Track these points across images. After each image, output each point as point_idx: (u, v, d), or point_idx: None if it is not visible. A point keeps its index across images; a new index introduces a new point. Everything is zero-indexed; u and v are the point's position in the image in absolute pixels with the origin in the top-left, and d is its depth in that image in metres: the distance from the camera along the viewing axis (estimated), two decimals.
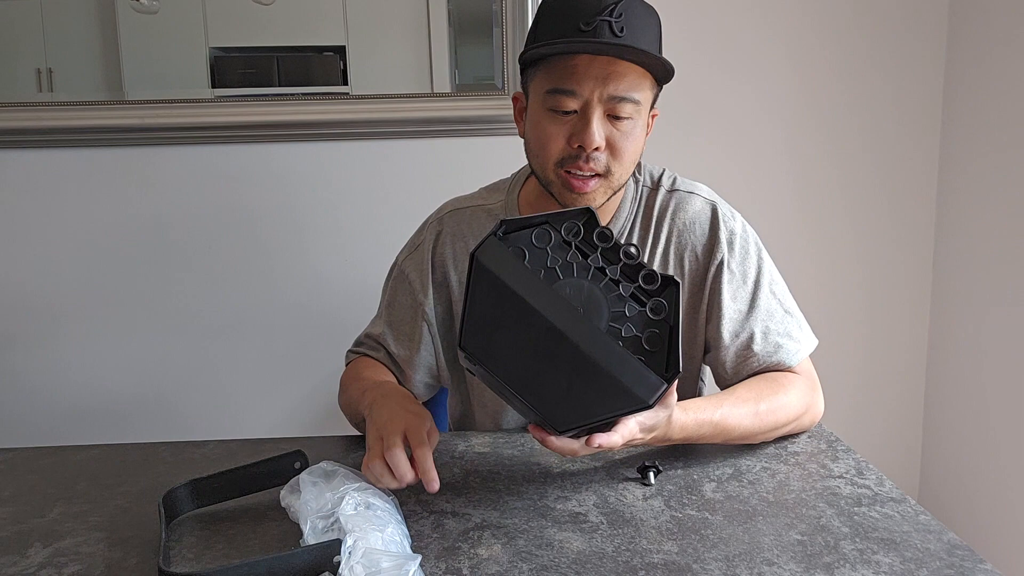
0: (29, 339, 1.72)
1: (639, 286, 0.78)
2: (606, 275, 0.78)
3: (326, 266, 1.72)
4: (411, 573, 0.66)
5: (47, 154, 1.66)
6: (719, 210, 1.06)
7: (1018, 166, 1.57)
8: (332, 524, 0.72)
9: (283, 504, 0.79)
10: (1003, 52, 1.60)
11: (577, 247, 0.79)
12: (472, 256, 0.75)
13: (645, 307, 0.78)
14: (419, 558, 0.68)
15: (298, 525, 0.76)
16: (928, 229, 1.81)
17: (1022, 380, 1.57)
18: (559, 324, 0.74)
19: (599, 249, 0.79)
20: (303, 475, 0.79)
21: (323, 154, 1.68)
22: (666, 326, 0.78)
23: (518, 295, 0.75)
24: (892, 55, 1.73)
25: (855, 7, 1.71)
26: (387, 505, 0.76)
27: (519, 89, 1.04)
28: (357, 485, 0.77)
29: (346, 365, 1.14)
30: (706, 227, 1.05)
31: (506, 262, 0.76)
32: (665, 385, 0.75)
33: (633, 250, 0.79)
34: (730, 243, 1.05)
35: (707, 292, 1.05)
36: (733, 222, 1.07)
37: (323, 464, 0.81)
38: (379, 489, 0.78)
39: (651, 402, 0.75)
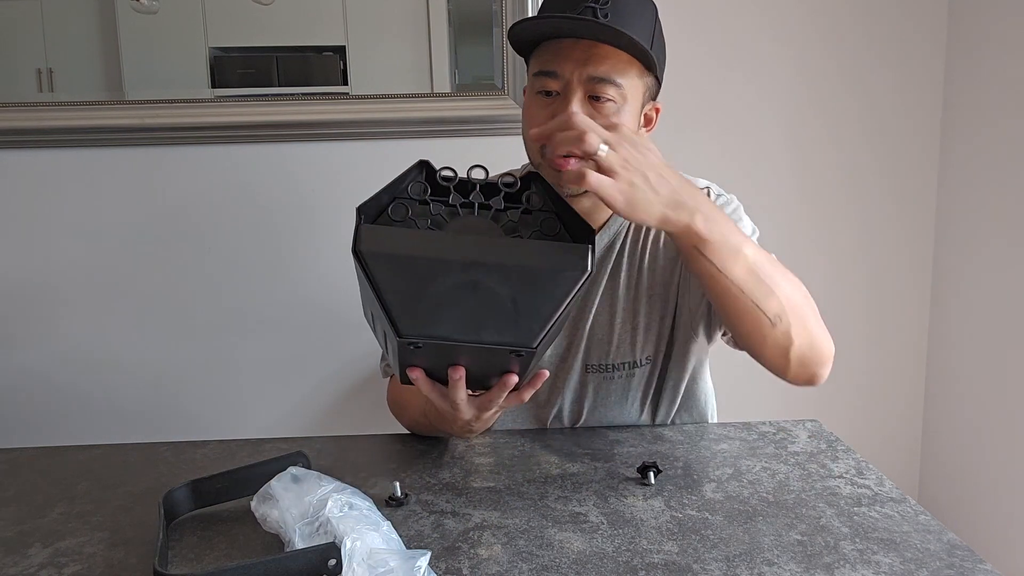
0: (30, 339, 1.72)
1: (506, 194, 0.79)
2: (475, 204, 0.78)
3: (326, 266, 1.72)
4: (422, 570, 0.66)
5: (47, 154, 1.66)
6: (711, 190, 1.06)
7: (1018, 166, 1.57)
8: (319, 528, 0.72)
9: (256, 514, 0.78)
10: (1003, 52, 1.60)
11: (432, 200, 0.78)
12: (354, 252, 0.73)
13: (523, 207, 0.79)
14: (428, 554, 0.67)
15: (276, 536, 0.75)
16: (928, 229, 1.81)
17: (1022, 380, 1.57)
18: (472, 256, 0.73)
19: (451, 188, 0.78)
20: (273, 483, 0.78)
21: (323, 154, 1.68)
22: (550, 213, 0.79)
23: (418, 256, 0.73)
24: (892, 54, 1.73)
25: (856, 6, 1.71)
26: (368, 504, 0.76)
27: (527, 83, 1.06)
28: (333, 486, 0.77)
29: (384, 376, 1.14)
30: None
31: (387, 237, 0.74)
32: (591, 246, 0.75)
33: (479, 170, 0.79)
34: (725, 204, 1.05)
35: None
36: (727, 196, 1.07)
37: (291, 470, 0.81)
38: (356, 489, 0.78)
39: (590, 267, 0.75)
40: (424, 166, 0.80)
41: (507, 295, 0.73)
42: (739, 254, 0.86)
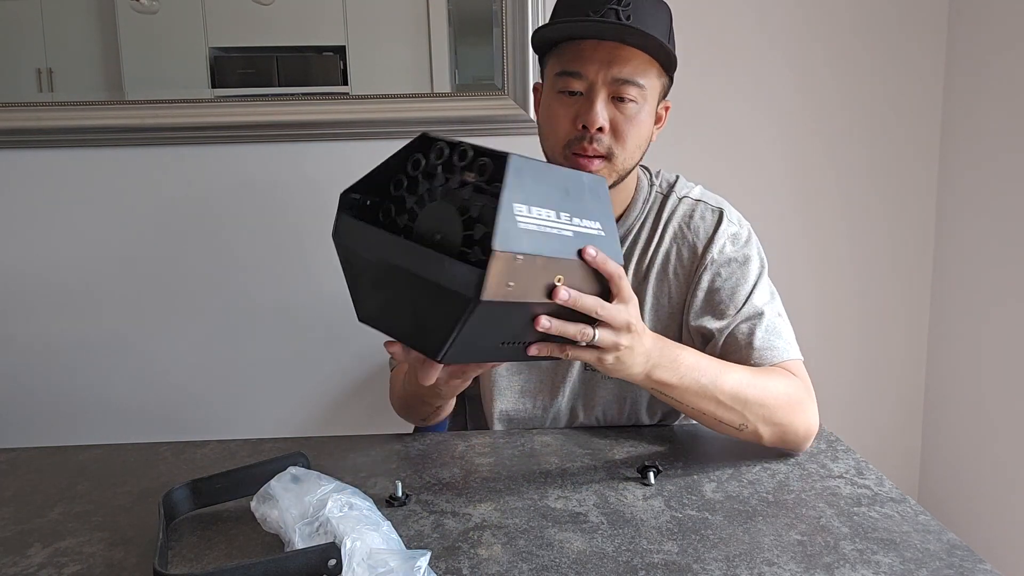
0: (29, 339, 1.72)
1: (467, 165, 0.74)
2: (463, 184, 0.74)
3: (325, 267, 1.72)
4: (422, 570, 0.66)
5: (47, 154, 1.66)
6: (725, 214, 1.07)
7: (1018, 167, 1.57)
8: (319, 528, 0.72)
9: (256, 515, 0.78)
10: (1003, 52, 1.60)
11: (422, 178, 0.77)
12: (334, 238, 0.79)
13: (474, 183, 0.73)
14: (428, 554, 0.67)
15: (276, 536, 0.75)
16: (928, 229, 1.81)
17: (1022, 380, 1.57)
18: (387, 258, 0.74)
19: (438, 167, 0.76)
20: (272, 483, 0.78)
21: (323, 154, 1.68)
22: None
23: (359, 253, 0.78)
24: (892, 56, 1.73)
25: (854, 8, 1.71)
26: (369, 504, 0.76)
27: (538, 80, 1.08)
28: (333, 486, 0.77)
29: (391, 368, 1.16)
30: (710, 229, 1.06)
31: (350, 230, 0.78)
32: (480, 271, 0.66)
33: (450, 148, 0.76)
34: (734, 239, 1.06)
35: (696, 285, 1.05)
36: (739, 228, 1.08)
37: (291, 470, 0.81)
38: (356, 489, 0.78)
39: (472, 296, 0.66)
40: (424, 140, 0.79)
41: (415, 300, 0.73)
42: (704, 394, 0.91)
